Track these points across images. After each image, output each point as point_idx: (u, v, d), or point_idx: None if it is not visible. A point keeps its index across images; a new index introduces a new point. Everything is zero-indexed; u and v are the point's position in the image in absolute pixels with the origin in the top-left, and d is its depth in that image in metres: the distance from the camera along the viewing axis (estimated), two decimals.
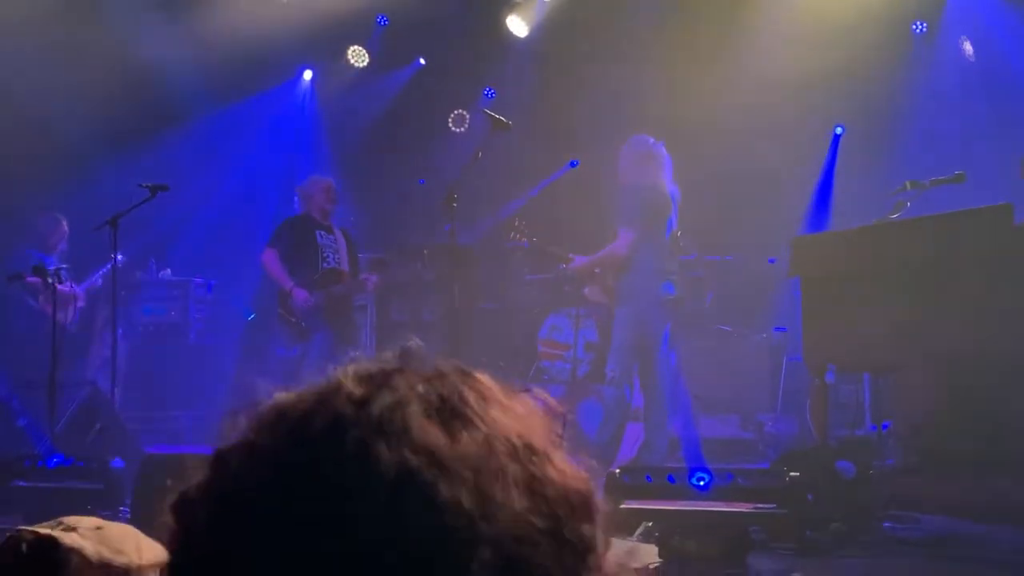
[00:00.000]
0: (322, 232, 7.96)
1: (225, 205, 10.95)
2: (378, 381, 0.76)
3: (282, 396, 0.78)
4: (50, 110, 9.71)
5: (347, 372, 0.78)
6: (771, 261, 9.01)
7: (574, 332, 9.20)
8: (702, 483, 4.70)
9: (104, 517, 5.37)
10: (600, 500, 0.79)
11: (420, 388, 0.76)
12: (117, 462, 5.72)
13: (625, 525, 4.77)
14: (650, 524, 4.58)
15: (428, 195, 9.96)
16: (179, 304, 10.01)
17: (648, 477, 4.93)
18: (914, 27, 10.19)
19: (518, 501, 0.72)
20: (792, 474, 4.75)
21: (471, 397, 0.77)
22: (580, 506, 0.76)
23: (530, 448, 0.76)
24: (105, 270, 8.62)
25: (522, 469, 0.74)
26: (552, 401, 0.83)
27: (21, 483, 5.64)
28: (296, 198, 8.25)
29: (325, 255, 7.90)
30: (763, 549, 4.43)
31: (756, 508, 4.72)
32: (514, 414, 0.78)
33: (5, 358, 7.92)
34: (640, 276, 7.13)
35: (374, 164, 11.68)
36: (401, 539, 0.69)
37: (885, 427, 6.30)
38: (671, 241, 7.31)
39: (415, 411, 0.73)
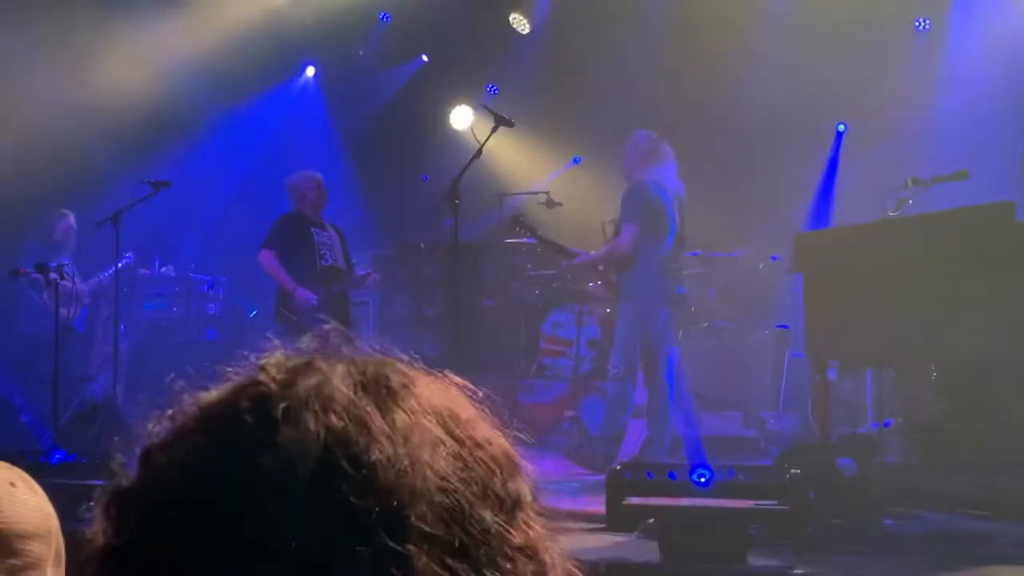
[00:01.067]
0: (317, 229, 7.92)
1: (227, 201, 10.96)
2: (298, 366, 0.77)
3: (206, 392, 0.79)
4: (56, 107, 9.72)
5: (266, 361, 0.79)
6: (773, 258, 9.01)
7: (577, 329, 9.21)
8: (703, 480, 4.70)
9: None
10: (525, 462, 0.80)
11: (342, 368, 0.77)
12: (119, 459, 5.73)
13: (627, 521, 4.78)
14: (651, 520, 4.58)
15: (431, 191, 9.96)
16: (181, 301, 10.03)
17: (649, 474, 4.94)
18: (917, 24, 10.18)
19: (445, 460, 0.73)
20: (793, 471, 4.75)
21: (394, 375, 0.78)
22: (505, 464, 0.77)
23: (455, 417, 0.77)
24: (112, 269, 8.63)
25: (448, 434, 0.75)
26: (468, 384, 0.85)
27: None
28: (287, 193, 8.19)
29: (322, 253, 7.87)
30: (764, 546, 4.43)
31: (757, 505, 4.72)
32: (438, 389, 0.80)
33: (9, 354, 7.94)
34: (643, 273, 7.14)
35: (377, 160, 11.69)
36: (336, 501, 0.69)
37: (887, 424, 6.31)
38: (676, 238, 7.31)
39: (339, 385, 0.74)
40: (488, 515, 0.74)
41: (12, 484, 1.49)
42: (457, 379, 0.85)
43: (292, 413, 0.72)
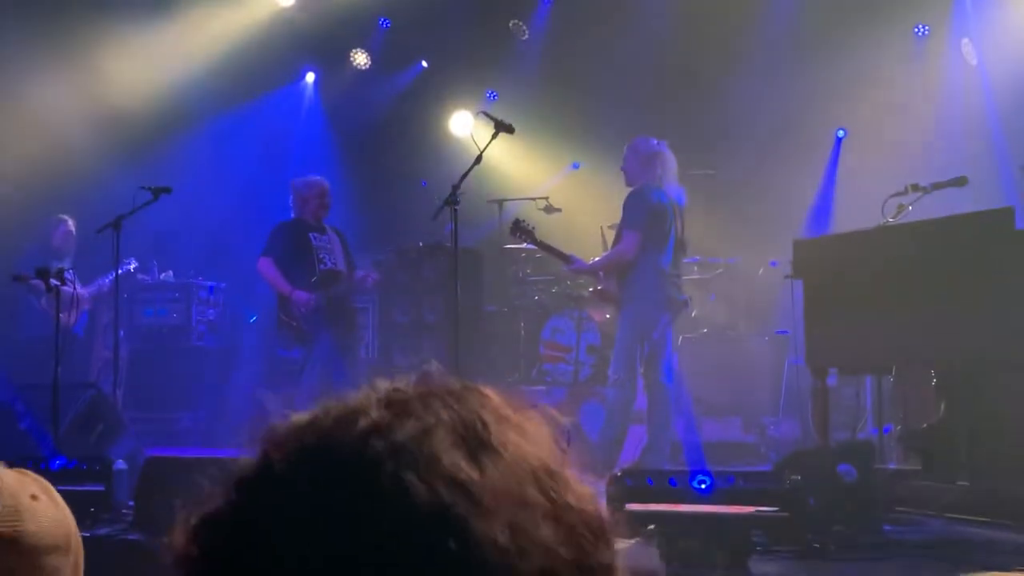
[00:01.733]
0: (315, 234, 7.95)
1: (228, 207, 10.96)
2: (399, 406, 0.75)
3: (299, 417, 0.76)
4: (57, 114, 9.73)
5: (365, 395, 0.77)
6: (773, 264, 9.02)
7: (576, 334, 9.21)
8: (703, 486, 4.70)
9: (107, 519, 5.35)
10: (612, 523, 0.79)
11: (443, 414, 0.74)
12: (119, 464, 5.73)
13: (627, 528, 4.78)
14: (652, 527, 4.57)
15: (430, 197, 9.97)
16: (181, 306, 10.03)
17: (649, 480, 4.93)
18: (916, 30, 10.19)
19: (546, 533, 0.71)
20: (793, 477, 4.75)
21: (491, 421, 0.75)
22: (599, 532, 0.76)
23: (549, 473, 0.75)
24: (113, 274, 8.62)
25: (545, 497, 0.73)
26: (556, 414, 0.83)
27: None
28: (291, 196, 8.20)
29: (321, 256, 7.90)
30: (764, 552, 4.43)
31: (758, 511, 4.71)
32: (529, 436, 0.77)
33: (9, 360, 7.93)
34: (644, 278, 7.13)
35: (377, 166, 11.71)
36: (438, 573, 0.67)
37: (887, 430, 6.31)
38: (675, 244, 7.31)
39: (441, 440, 0.72)
40: None
41: (34, 497, 1.47)
42: (545, 407, 0.83)
43: (397, 481, 0.70)
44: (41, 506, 1.47)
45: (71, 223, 8.88)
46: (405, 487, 0.69)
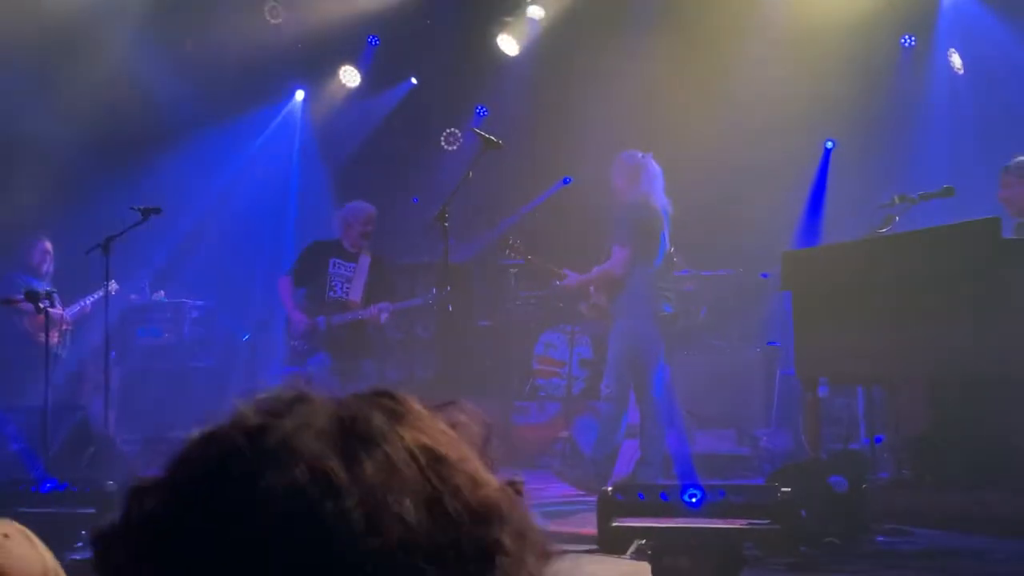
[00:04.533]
0: (338, 260, 8.00)
1: (218, 226, 10.96)
2: (277, 410, 0.78)
3: (194, 432, 0.80)
4: (42, 133, 9.72)
5: (249, 403, 0.80)
6: (764, 275, 9.03)
7: (569, 349, 9.22)
8: (694, 500, 4.70)
9: None
10: (515, 507, 0.79)
11: (320, 415, 0.77)
12: (110, 486, 5.71)
13: (619, 543, 4.78)
14: (643, 542, 4.58)
15: (422, 214, 9.98)
16: (173, 326, 10.00)
17: (640, 495, 4.93)
18: (903, 41, 10.23)
19: (413, 512, 0.73)
20: (784, 489, 4.75)
21: (376, 417, 0.78)
22: (483, 512, 0.76)
23: (435, 459, 0.76)
24: (95, 297, 8.60)
25: (422, 481, 0.75)
26: (478, 413, 0.85)
27: (14, 508, 5.63)
28: (337, 220, 8.26)
29: (333, 284, 7.97)
30: (757, 565, 4.43)
31: (749, 524, 4.71)
32: (425, 428, 0.79)
33: None
34: (634, 293, 7.15)
35: (367, 183, 11.69)
36: (290, 557, 0.70)
37: (878, 441, 6.31)
38: (665, 257, 7.33)
39: (309, 436, 0.75)
40: (461, 566, 0.74)
41: (5, 535, 1.48)
42: (468, 406, 0.85)
43: (250, 474, 0.73)
44: (11, 543, 1.48)
45: (47, 242, 8.84)
46: (254, 478, 0.73)
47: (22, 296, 7.64)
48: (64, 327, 8.51)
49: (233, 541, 0.71)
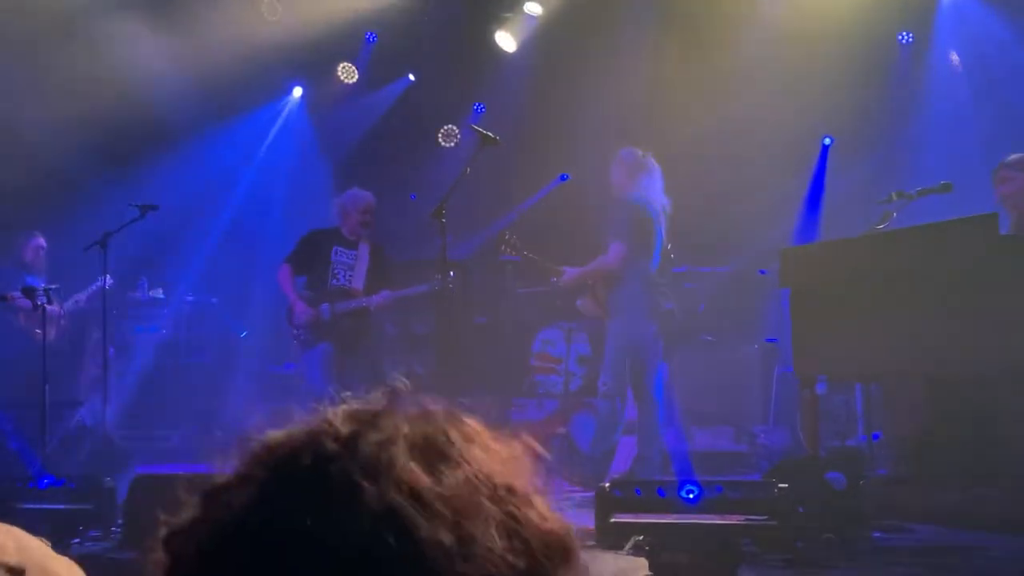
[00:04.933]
0: (340, 248, 7.94)
1: (217, 223, 10.96)
2: (365, 420, 0.78)
3: (273, 433, 0.80)
4: (40, 131, 9.71)
5: (336, 411, 0.80)
6: (762, 272, 9.03)
7: (567, 346, 9.21)
8: (692, 496, 4.70)
9: (96, 537, 5.33)
10: (579, 547, 0.81)
11: (406, 428, 0.78)
12: (108, 482, 5.71)
13: (617, 539, 4.78)
14: (640, 538, 4.58)
15: (420, 210, 9.98)
16: (171, 323, 10.01)
17: (638, 491, 4.93)
18: (900, 37, 10.23)
19: (497, 541, 0.73)
20: (781, 486, 4.75)
21: (456, 437, 0.78)
22: (558, 550, 0.77)
23: (511, 490, 0.77)
24: (90, 290, 8.58)
25: (502, 510, 0.75)
26: (537, 447, 0.86)
27: (12, 505, 5.62)
28: (335, 208, 8.18)
29: (335, 272, 7.90)
30: (754, 561, 4.43)
31: (747, 520, 4.72)
32: (497, 456, 0.80)
33: None
34: (631, 289, 7.15)
35: (365, 180, 11.63)
36: (384, 571, 0.70)
37: (876, 437, 6.31)
38: (662, 254, 7.33)
39: (400, 450, 0.75)
40: None
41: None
42: (528, 439, 0.85)
43: (348, 483, 0.73)
44: None
45: (41, 238, 8.82)
46: (353, 487, 0.73)
47: (18, 293, 7.62)
48: (61, 322, 8.49)
49: (329, 546, 0.71)
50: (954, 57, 9.93)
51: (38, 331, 7.45)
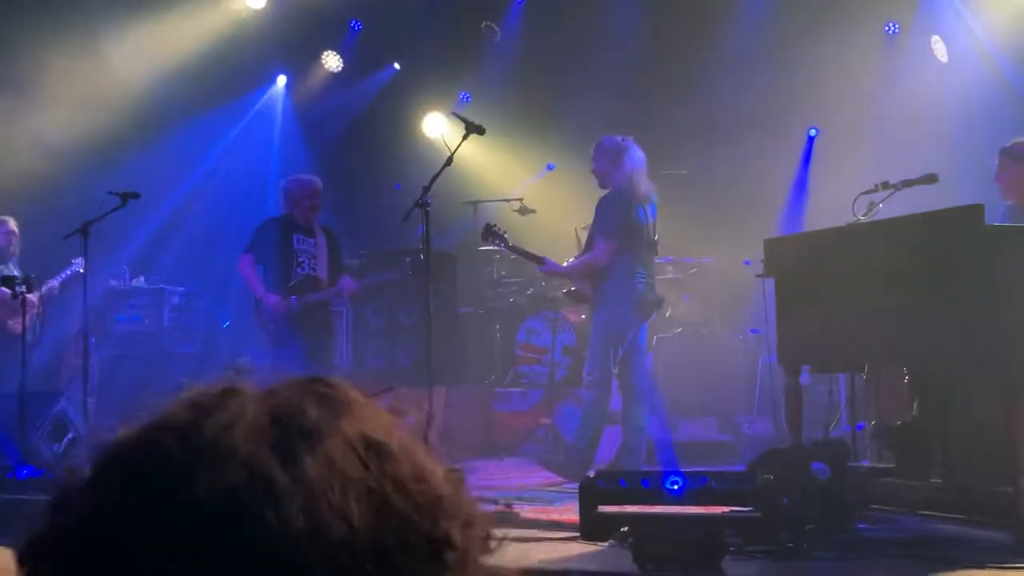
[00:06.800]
0: (300, 236, 7.83)
1: (199, 212, 10.90)
2: (206, 406, 0.75)
3: (123, 431, 0.77)
4: (25, 117, 9.64)
5: (179, 399, 0.78)
6: (746, 263, 9.02)
7: (552, 336, 9.19)
8: (676, 487, 4.68)
9: None
10: (461, 496, 0.77)
11: (251, 408, 0.74)
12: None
13: (601, 530, 4.76)
14: (625, 529, 4.56)
15: (404, 199, 9.94)
16: (153, 312, 9.94)
17: (622, 482, 4.91)
18: (887, 28, 10.23)
19: (358, 513, 0.71)
20: (766, 476, 4.74)
21: (312, 410, 0.75)
22: (429, 506, 0.74)
23: (378, 451, 0.74)
24: (63, 275, 8.49)
25: (365, 476, 0.73)
26: (416, 399, 0.83)
27: None
28: (281, 194, 8.08)
29: (300, 260, 7.79)
30: (738, 553, 4.41)
31: (731, 511, 4.70)
32: (365, 418, 0.76)
33: None
34: (617, 280, 7.13)
35: (350, 169, 11.65)
36: (230, 566, 0.68)
37: (860, 428, 6.31)
38: (648, 244, 7.30)
39: (242, 433, 0.72)
40: (408, 563, 0.71)
41: None
42: (405, 391, 0.82)
43: (184, 477, 0.70)
44: None
45: (12, 223, 8.71)
46: (190, 482, 0.70)
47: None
48: (35, 310, 8.35)
49: (168, 548, 0.68)
50: (940, 49, 9.93)
51: (11, 321, 7.37)
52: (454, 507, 0.76)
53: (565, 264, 7.71)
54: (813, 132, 10.29)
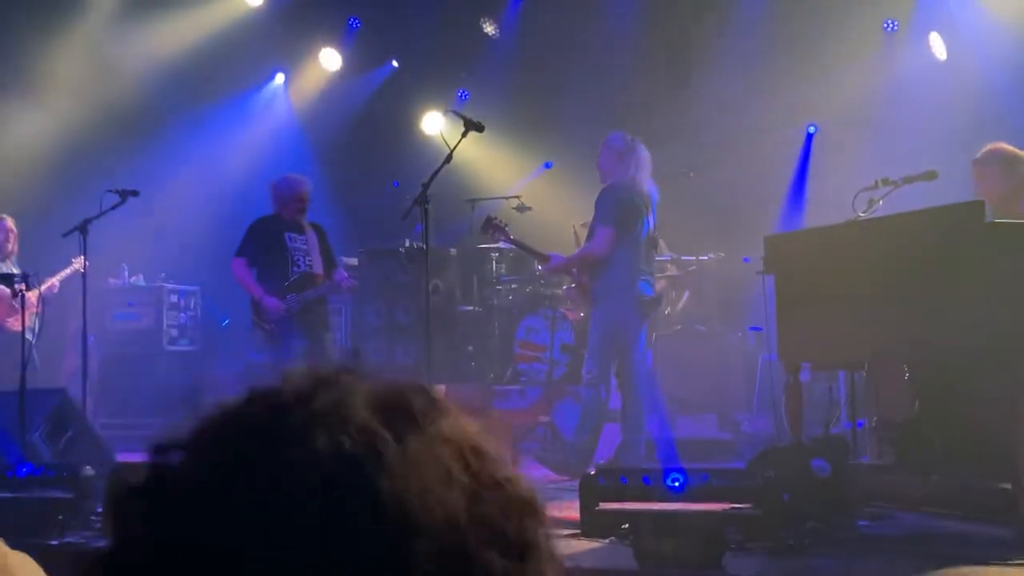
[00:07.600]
0: (292, 234, 7.81)
1: (198, 210, 10.89)
2: (324, 378, 0.77)
3: (232, 399, 0.78)
4: (22, 116, 9.63)
5: (294, 372, 0.79)
6: (745, 260, 9.02)
7: (550, 334, 9.18)
8: (677, 484, 4.68)
9: (75, 527, 5.28)
10: (543, 501, 0.80)
11: (366, 388, 0.76)
12: (88, 471, 5.65)
13: (602, 527, 4.76)
14: (625, 526, 4.55)
15: (403, 197, 9.93)
16: (152, 310, 9.94)
17: (623, 478, 4.91)
18: (885, 25, 10.22)
19: (459, 496, 0.72)
20: (766, 473, 4.74)
21: (419, 403, 0.77)
22: (522, 506, 0.77)
23: (476, 451, 0.76)
24: (62, 274, 8.48)
25: (465, 468, 0.74)
26: (499, 419, 0.84)
27: None
28: (270, 193, 8.05)
29: (295, 259, 7.77)
30: (738, 549, 4.41)
31: (731, 508, 4.70)
32: (457, 420, 0.79)
33: None
34: (616, 276, 7.12)
35: (348, 166, 11.65)
36: (338, 523, 0.69)
37: (860, 425, 6.31)
38: (648, 241, 7.30)
39: (358, 403, 0.74)
40: (495, 559, 0.73)
41: None
42: (495, 415, 0.84)
43: (304, 429, 0.71)
44: None
45: (10, 221, 8.69)
46: (306, 435, 0.71)
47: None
48: (34, 308, 8.33)
49: (286, 499, 0.69)
50: (939, 46, 9.92)
51: (10, 319, 7.35)
52: (538, 511, 0.78)
53: (566, 257, 7.69)
54: (812, 129, 10.29)
